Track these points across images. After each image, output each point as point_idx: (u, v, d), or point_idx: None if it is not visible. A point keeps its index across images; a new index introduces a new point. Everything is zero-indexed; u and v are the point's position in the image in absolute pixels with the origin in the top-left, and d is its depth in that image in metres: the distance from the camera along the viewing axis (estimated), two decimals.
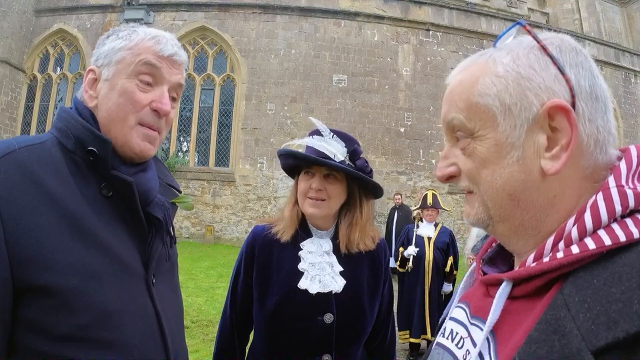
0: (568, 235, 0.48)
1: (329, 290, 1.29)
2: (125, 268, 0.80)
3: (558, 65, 0.51)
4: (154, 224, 0.87)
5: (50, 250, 0.71)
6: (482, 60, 0.56)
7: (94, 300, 0.74)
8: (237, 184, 11.88)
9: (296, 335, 1.28)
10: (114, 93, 0.83)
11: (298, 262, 1.33)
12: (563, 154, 0.49)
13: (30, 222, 0.71)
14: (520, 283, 0.51)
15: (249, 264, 1.37)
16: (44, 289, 0.70)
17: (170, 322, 0.87)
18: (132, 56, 0.84)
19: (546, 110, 0.49)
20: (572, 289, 0.44)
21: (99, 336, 0.74)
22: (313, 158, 1.27)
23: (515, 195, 0.52)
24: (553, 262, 0.47)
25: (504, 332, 0.51)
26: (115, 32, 0.88)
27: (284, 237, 1.33)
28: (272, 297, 1.30)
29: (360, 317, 1.33)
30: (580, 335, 0.41)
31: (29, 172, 0.74)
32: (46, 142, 0.81)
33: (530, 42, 0.54)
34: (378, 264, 1.42)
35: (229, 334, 1.41)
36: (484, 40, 13.46)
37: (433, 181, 12.27)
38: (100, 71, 0.86)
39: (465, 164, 0.56)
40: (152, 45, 0.85)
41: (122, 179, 0.81)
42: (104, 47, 0.87)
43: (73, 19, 12.78)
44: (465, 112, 0.55)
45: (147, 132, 0.86)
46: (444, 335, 0.63)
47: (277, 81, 12.21)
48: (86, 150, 0.80)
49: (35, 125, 12.76)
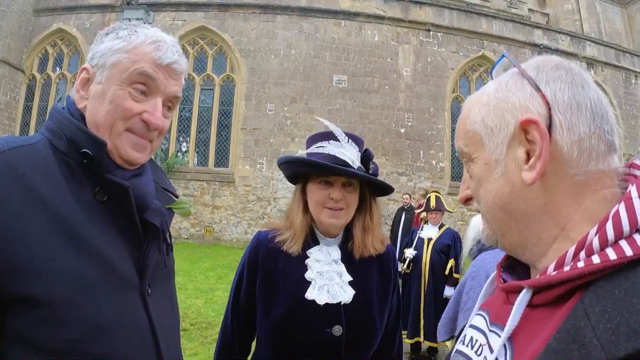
0: (589, 245, 0.48)
1: (338, 301, 1.24)
2: (119, 278, 0.76)
3: (535, 84, 0.55)
4: (150, 231, 0.83)
5: (40, 259, 0.67)
6: (478, 93, 0.63)
7: (86, 312, 0.70)
8: (237, 185, 11.84)
9: (303, 347, 1.22)
10: (104, 99, 0.79)
11: (305, 271, 1.27)
12: (538, 163, 0.52)
13: (20, 228, 0.67)
14: (540, 291, 0.52)
15: (252, 271, 1.31)
16: (32, 299, 0.66)
17: (166, 334, 0.83)
18: (128, 62, 0.79)
19: (519, 126, 0.54)
20: (592, 298, 0.45)
21: (91, 350, 0.70)
22: (340, 169, 1.22)
23: (505, 207, 0.57)
24: (574, 271, 0.47)
25: (521, 339, 0.51)
26: (115, 29, 0.83)
27: (293, 248, 1.27)
28: (278, 307, 1.24)
29: (370, 328, 1.28)
30: (600, 345, 0.41)
31: (19, 175, 0.70)
32: (37, 143, 0.77)
33: (513, 69, 0.59)
34: (387, 271, 1.37)
35: (230, 343, 1.36)
36: (484, 40, 13.45)
37: (433, 182, 12.24)
38: (94, 72, 0.81)
39: (470, 186, 0.63)
40: (151, 51, 0.81)
41: (117, 183, 0.77)
42: (101, 45, 0.82)
43: (72, 18, 12.74)
44: (463, 139, 0.62)
45: (137, 140, 0.81)
46: (464, 342, 0.64)
47: (277, 81, 12.17)
48: (80, 152, 0.76)
49: (34, 125, 12.71)
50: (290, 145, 11.86)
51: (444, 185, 12.30)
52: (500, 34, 13.62)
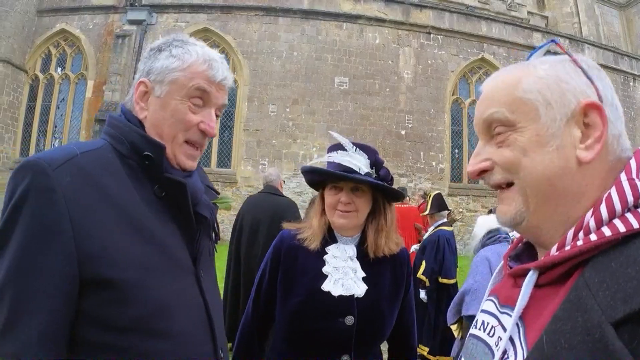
0: (587, 225, 0.54)
1: (351, 294, 1.35)
2: (178, 263, 0.86)
3: (587, 76, 0.60)
4: (201, 222, 0.94)
5: (112, 247, 0.77)
6: (521, 66, 0.64)
7: (151, 294, 0.80)
8: (239, 185, 11.92)
9: (317, 335, 1.33)
10: (166, 111, 0.89)
11: (322, 266, 1.38)
12: (597, 145, 0.57)
13: (94, 220, 0.77)
14: (545, 271, 0.57)
15: (274, 267, 1.43)
16: (106, 282, 0.76)
17: (217, 313, 0.93)
18: (185, 79, 0.88)
19: (583, 107, 0.57)
20: (592, 272, 0.50)
21: (156, 327, 0.79)
22: (340, 174, 1.34)
23: (553, 181, 0.58)
24: (574, 250, 0.53)
25: (531, 316, 0.56)
26: (167, 47, 0.91)
27: (312, 245, 1.40)
28: (295, 297, 1.35)
29: (379, 321, 1.39)
30: (600, 310, 0.46)
31: (90, 176, 0.80)
32: (102, 147, 0.87)
33: (563, 57, 0.62)
34: (400, 272, 1.47)
35: (250, 330, 1.47)
36: (484, 43, 13.55)
37: (433, 183, 12.34)
38: (153, 86, 0.90)
39: (503, 155, 0.61)
40: (205, 70, 0.90)
41: (176, 181, 0.87)
42: (157, 62, 0.90)
43: (75, 19, 12.78)
44: (508, 105, 0.61)
45: (192, 152, 0.92)
46: (477, 326, 0.68)
47: (279, 83, 12.26)
48: (142, 155, 0.85)
49: (37, 126, 12.76)
50: (292, 147, 11.95)
51: (444, 187, 12.40)
52: (500, 36, 13.73)
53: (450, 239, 4.28)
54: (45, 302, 0.71)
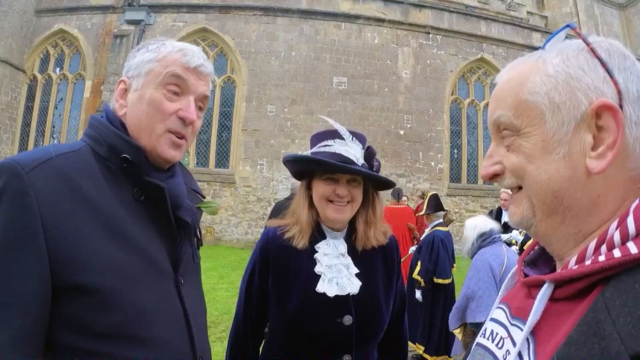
0: (610, 239, 0.48)
1: (347, 292, 1.31)
2: (157, 269, 0.84)
3: (606, 68, 0.52)
4: (183, 227, 0.91)
5: (88, 251, 0.75)
6: (531, 60, 0.57)
7: (129, 299, 0.78)
8: (237, 186, 11.90)
9: (317, 338, 1.29)
10: (142, 102, 0.88)
11: (314, 265, 1.33)
12: (609, 153, 0.50)
13: (69, 224, 0.75)
14: (562, 285, 0.51)
15: (263, 267, 1.37)
16: (82, 288, 0.74)
17: (197, 321, 0.91)
18: (160, 67, 0.88)
19: (594, 109, 0.50)
20: (613, 292, 0.45)
21: (134, 334, 0.78)
22: (346, 167, 1.28)
23: (559, 192, 0.52)
24: (595, 265, 0.47)
25: (544, 333, 0.51)
26: (145, 45, 0.93)
27: (301, 243, 1.34)
28: (290, 302, 1.31)
29: (377, 315, 1.36)
30: (620, 339, 0.41)
31: (67, 178, 0.78)
32: (80, 149, 0.85)
33: (580, 45, 0.55)
34: (391, 261, 1.45)
35: (243, 336, 1.42)
36: (484, 43, 13.54)
37: (432, 183, 12.32)
38: (131, 82, 0.90)
39: (510, 160, 0.57)
40: (179, 58, 0.90)
41: (155, 184, 0.85)
42: (134, 59, 0.91)
43: (74, 19, 12.77)
44: (513, 109, 0.56)
45: (175, 140, 0.90)
46: (485, 335, 0.64)
47: (277, 83, 12.24)
48: (120, 157, 0.83)
49: (35, 126, 12.74)
50: (291, 147, 11.93)
51: (443, 187, 12.39)
52: (499, 36, 13.72)
53: (445, 239, 4.26)
54: (18, 307, 0.70)
